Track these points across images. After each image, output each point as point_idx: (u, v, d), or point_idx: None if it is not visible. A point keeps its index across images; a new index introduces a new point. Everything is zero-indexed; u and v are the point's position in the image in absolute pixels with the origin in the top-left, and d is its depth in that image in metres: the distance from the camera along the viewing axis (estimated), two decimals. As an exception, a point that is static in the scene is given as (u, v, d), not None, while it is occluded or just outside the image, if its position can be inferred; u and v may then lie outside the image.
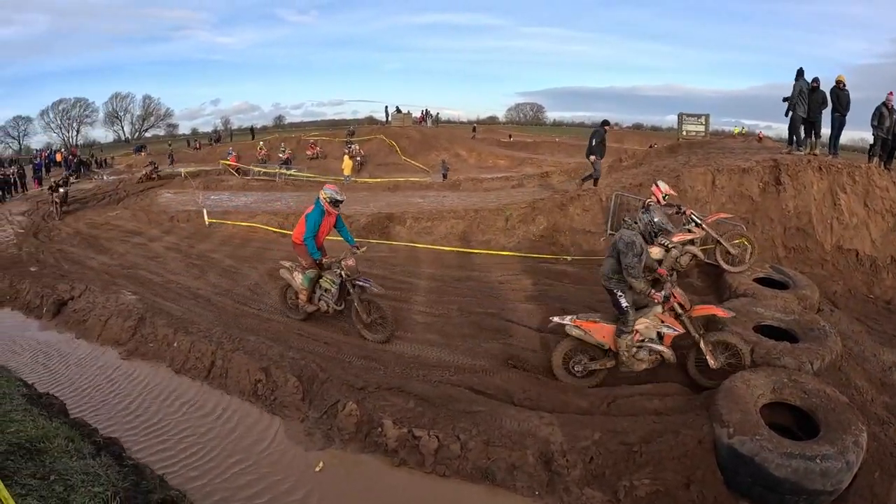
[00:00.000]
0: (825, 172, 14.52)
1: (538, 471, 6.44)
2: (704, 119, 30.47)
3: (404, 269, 12.91)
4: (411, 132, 48.20)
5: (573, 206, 15.09)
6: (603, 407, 7.50)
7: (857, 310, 12.21)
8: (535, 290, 11.75)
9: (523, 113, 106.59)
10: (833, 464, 5.98)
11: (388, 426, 7.03)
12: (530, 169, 34.49)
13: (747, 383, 7.03)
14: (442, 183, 26.28)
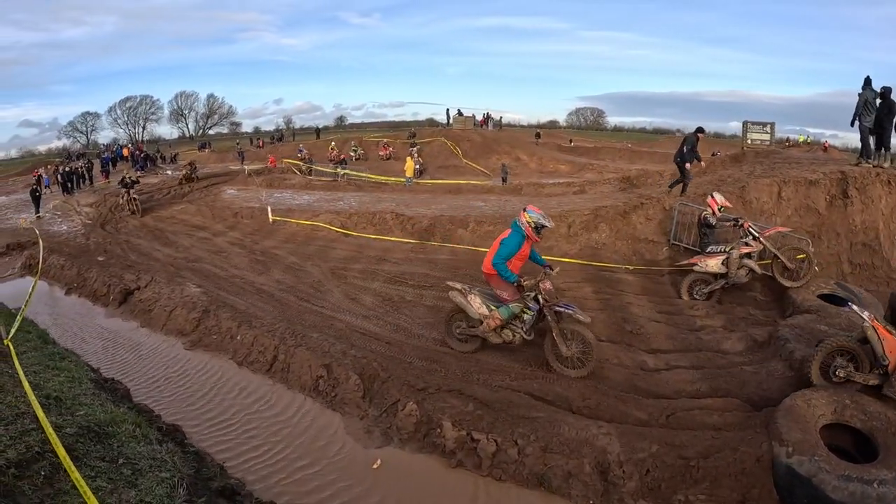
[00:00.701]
0: (894, 186, 14.17)
1: (594, 480, 6.47)
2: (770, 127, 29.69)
3: (467, 272, 12.94)
4: (472, 135, 48.14)
5: (636, 214, 15.04)
6: (661, 419, 7.50)
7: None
8: (596, 299, 11.78)
9: (584, 117, 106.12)
10: (891, 489, 5.92)
11: (447, 427, 7.15)
12: (591, 175, 34.39)
13: (808, 402, 6.99)
14: (503, 187, 26.30)
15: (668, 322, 10.79)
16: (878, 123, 15.05)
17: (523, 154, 45.34)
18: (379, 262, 13.94)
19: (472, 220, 15.97)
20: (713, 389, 8.32)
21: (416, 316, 10.78)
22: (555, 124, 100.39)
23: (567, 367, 8.85)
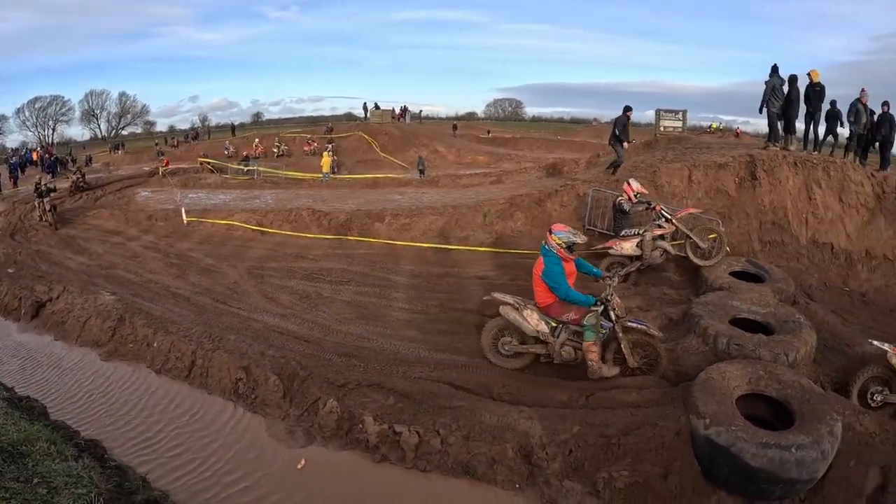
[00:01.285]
0: (800, 168, 14.82)
1: (518, 464, 6.50)
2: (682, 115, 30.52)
3: (384, 266, 12.94)
4: (390, 129, 48.11)
5: (550, 201, 15.21)
6: (582, 400, 7.57)
7: (833, 302, 12.42)
8: (514, 286, 11.70)
9: (502, 108, 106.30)
10: (808, 453, 6.07)
11: (368, 422, 7.05)
12: (509, 165, 34.57)
13: (723, 375, 7.12)
14: (421, 180, 26.42)
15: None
16: (784, 109, 15.75)
17: (441, 146, 45.50)
18: (296, 259, 13.75)
19: (389, 213, 15.86)
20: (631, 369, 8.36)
21: (333, 312, 10.64)
22: (473, 116, 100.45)
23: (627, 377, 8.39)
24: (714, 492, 6.42)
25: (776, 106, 15.92)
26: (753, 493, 6.32)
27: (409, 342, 9.41)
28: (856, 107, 16.22)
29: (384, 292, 11.56)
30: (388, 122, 52.40)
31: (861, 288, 13.64)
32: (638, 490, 6.30)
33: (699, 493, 6.38)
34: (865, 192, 14.80)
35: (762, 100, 16.00)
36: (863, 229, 14.50)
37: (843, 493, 6.64)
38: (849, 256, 14.21)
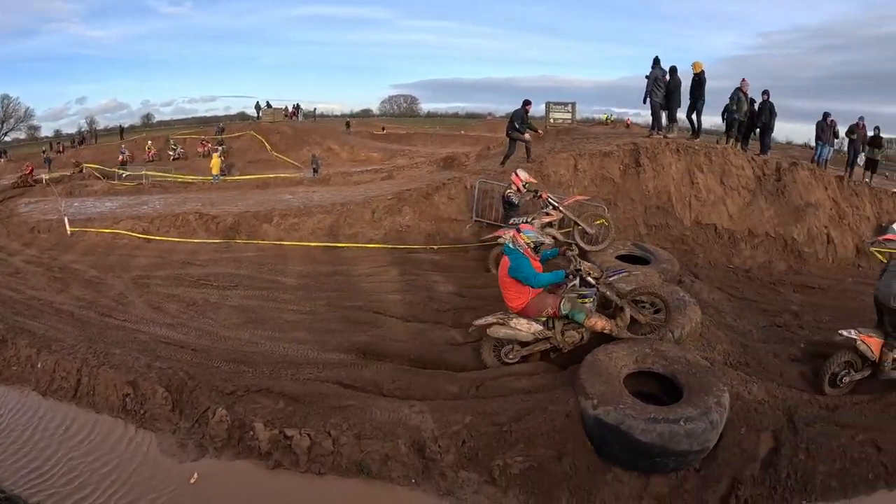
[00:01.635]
0: (683, 153, 15.47)
1: (412, 459, 6.44)
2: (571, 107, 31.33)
3: (272, 267, 12.73)
4: (283, 128, 47.44)
5: (438, 195, 15.28)
6: (473, 390, 7.58)
7: (718, 279, 12.89)
8: (402, 281, 11.85)
9: (397, 105, 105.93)
10: (697, 425, 6.21)
11: (259, 429, 6.85)
12: (402, 161, 34.35)
13: (609, 356, 7.23)
14: (312, 179, 26.20)
15: (474, 296, 11.02)
16: (667, 99, 16.45)
17: (335, 144, 45.06)
18: (183, 265, 13.33)
19: (277, 214, 15.60)
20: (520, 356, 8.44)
21: (221, 318, 10.36)
22: (369, 113, 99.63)
23: (646, 334, 8.39)
24: (609, 469, 6.51)
25: (659, 96, 16.52)
26: (647, 468, 6.44)
27: (298, 344, 9.23)
28: (737, 95, 17.20)
29: (272, 294, 11.33)
30: (281, 121, 51.68)
31: (745, 265, 14.31)
32: (533, 474, 6.35)
33: (594, 471, 6.47)
34: (746, 175, 15.61)
35: (645, 90, 16.58)
36: (744, 210, 15.23)
37: (736, 460, 6.86)
38: (732, 236, 14.92)
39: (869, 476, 7.26)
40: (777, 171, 16.06)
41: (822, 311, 12.05)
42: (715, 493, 6.56)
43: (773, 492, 6.73)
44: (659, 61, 16.42)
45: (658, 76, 16.33)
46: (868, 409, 8.32)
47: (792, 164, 16.53)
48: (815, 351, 10.00)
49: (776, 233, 15.16)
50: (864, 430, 7.78)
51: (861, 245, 15.95)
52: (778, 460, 6.98)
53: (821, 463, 7.09)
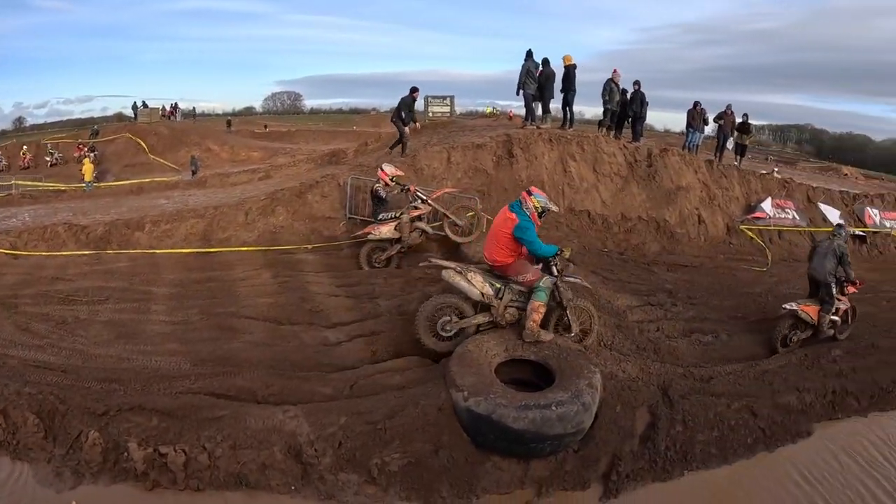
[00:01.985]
0: (555, 143, 15.88)
1: (290, 465, 6.36)
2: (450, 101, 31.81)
3: (145, 278, 12.25)
4: (160, 128, 45.06)
5: (311, 193, 15.10)
6: (347, 390, 7.53)
7: (593, 263, 13.24)
8: (276, 283, 11.66)
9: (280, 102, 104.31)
10: (569, 408, 6.37)
11: (133, 449, 6.63)
12: (283, 159, 33.61)
13: (479, 346, 7.33)
14: (188, 181, 25.14)
15: (347, 295, 10.96)
16: (540, 90, 16.80)
17: (215, 144, 43.81)
18: (52, 281, 12.45)
19: (150, 220, 14.87)
20: (394, 352, 8.54)
21: (91, 335, 9.88)
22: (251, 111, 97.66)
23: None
24: (488, 458, 6.61)
25: (531, 88, 16.82)
26: (524, 453, 6.57)
27: (170, 356, 8.88)
28: (609, 86, 17.96)
29: (144, 306, 10.83)
30: (158, 122, 48.96)
31: (619, 248, 14.82)
32: (412, 470, 6.38)
33: (472, 461, 6.55)
34: (618, 162, 16.22)
35: (518, 82, 16.84)
36: (617, 195, 15.81)
37: (614, 437, 7.11)
38: (605, 220, 15.47)
39: (748, 440, 7.67)
40: (648, 157, 16.73)
41: (694, 288, 12.56)
42: (596, 472, 6.77)
43: (653, 464, 7.00)
44: (532, 54, 16.76)
45: (530, 68, 16.64)
46: (742, 378, 8.72)
47: (663, 151, 17.23)
48: (691, 327, 10.42)
49: (648, 216, 15.78)
50: (739, 397, 8.18)
51: (731, 224, 16.73)
52: (656, 434, 7.26)
53: (699, 432, 7.42)
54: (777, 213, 17.73)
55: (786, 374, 9.09)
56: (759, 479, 7.15)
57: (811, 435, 8.08)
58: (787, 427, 8.06)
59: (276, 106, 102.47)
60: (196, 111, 65.60)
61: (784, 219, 17.76)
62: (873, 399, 9.06)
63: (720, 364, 9.22)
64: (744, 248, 16.29)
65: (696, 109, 21.02)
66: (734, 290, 13.02)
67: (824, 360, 9.68)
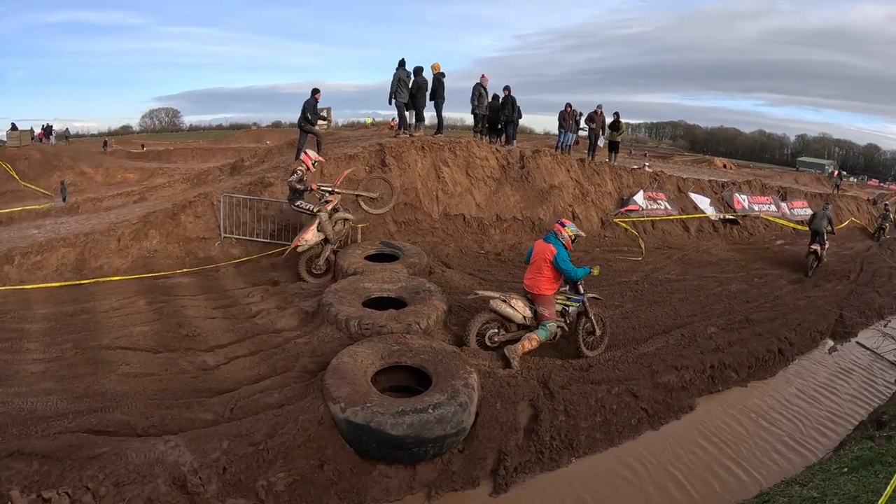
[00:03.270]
0: (428, 150, 16.22)
1: (176, 497, 6.25)
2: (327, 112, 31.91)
3: (15, 314, 11.62)
4: (31, 152, 42.47)
5: (185, 214, 14.85)
6: (227, 413, 7.48)
7: (470, 265, 13.59)
8: (151, 310, 11.39)
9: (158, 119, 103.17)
10: (447, 409, 6.56)
11: (16, 497, 6.49)
12: (161, 179, 32.83)
13: (354, 357, 7.45)
14: (60, 208, 23.94)
15: (224, 316, 10.88)
16: (412, 98, 17.16)
17: (88, 167, 42.42)
18: None
19: (19, 252, 13.98)
20: (271, 370, 8.52)
21: None
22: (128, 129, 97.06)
23: (591, 350, 9.72)
24: (374, 467, 6.72)
25: (403, 96, 17.11)
26: (409, 458, 6.71)
27: (46, 395, 8.46)
28: (477, 90, 18.48)
29: (16, 345, 10.27)
30: (28, 145, 45.56)
31: (496, 249, 15.22)
32: (299, 487, 6.40)
33: (358, 472, 6.63)
34: (491, 165, 16.69)
35: (390, 91, 17.12)
36: (491, 198, 16.25)
37: (498, 433, 7.32)
38: (481, 223, 15.86)
39: (632, 422, 8.04)
40: (521, 159, 17.23)
41: (571, 282, 12.98)
42: (483, 469, 6.96)
43: (540, 455, 7.26)
44: (404, 63, 17.02)
45: (402, 77, 16.95)
46: (620, 364, 9.11)
47: (535, 152, 17.79)
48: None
49: (523, 215, 16.26)
50: (619, 382, 8.56)
51: (605, 217, 17.42)
52: (539, 426, 7.51)
53: (581, 420, 7.74)
54: (649, 205, 18.61)
55: (663, 355, 9.55)
56: (644, 454, 7.54)
57: (694, 409, 8.57)
58: (670, 405, 8.48)
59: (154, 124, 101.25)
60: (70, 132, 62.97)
61: (656, 210, 18.67)
62: (751, 369, 9.63)
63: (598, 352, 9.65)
64: (619, 239, 16.97)
65: (567, 111, 21.91)
66: (611, 279, 13.52)
67: (700, 338, 10.20)
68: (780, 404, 9.12)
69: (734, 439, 8.00)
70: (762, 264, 15.80)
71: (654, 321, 11.08)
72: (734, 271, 14.42)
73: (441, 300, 9.55)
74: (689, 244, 17.33)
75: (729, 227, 19.26)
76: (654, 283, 13.05)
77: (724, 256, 16.27)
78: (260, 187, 15.21)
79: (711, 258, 16.00)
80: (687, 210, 19.04)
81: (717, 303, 12.31)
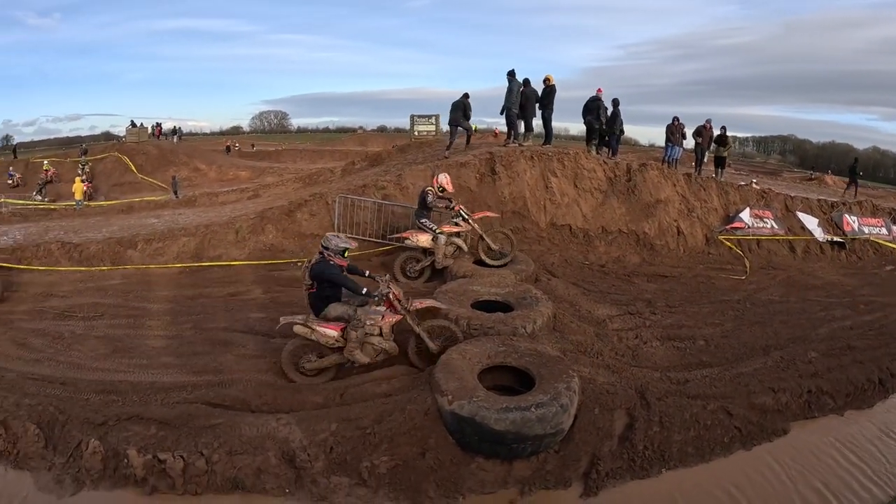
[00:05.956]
0: (537, 160, 16.22)
1: (284, 470, 6.66)
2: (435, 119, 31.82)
3: (138, 294, 12.51)
4: (148, 148, 44.73)
5: (300, 212, 15.38)
6: (337, 399, 7.84)
7: (574, 275, 13.57)
8: (267, 298, 11.96)
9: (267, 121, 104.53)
10: (548, 409, 6.68)
11: (132, 456, 6.89)
12: (271, 178, 34.16)
13: (462, 354, 7.64)
14: (177, 200, 25.43)
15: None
16: (522, 109, 17.23)
17: (202, 163, 43.88)
18: (46, 297, 12.71)
19: (142, 239, 15.08)
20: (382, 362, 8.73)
21: (88, 350, 10.06)
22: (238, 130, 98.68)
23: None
24: (472, 459, 6.91)
25: (515, 107, 17.23)
26: (507, 454, 6.87)
27: (166, 369, 9.19)
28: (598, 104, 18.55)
29: (139, 322, 11.13)
30: (146, 141, 48.62)
31: (600, 260, 15.08)
32: (400, 471, 6.68)
33: (458, 462, 6.84)
34: (598, 177, 16.57)
35: (504, 103, 17.30)
36: (597, 210, 16.16)
37: (593, 438, 7.37)
38: (586, 234, 15.81)
39: (724, 439, 7.93)
40: (628, 172, 17.02)
41: (673, 297, 12.83)
42: (576, 471, 7.03)
43: (632, 464, 7.27)
44: (514, 74, 17.14)
45: (514, 88, 17.04)
46: (717, 381, 9.00)
47: (642, 165, 17.56)
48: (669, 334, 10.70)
49: (628, 229, 16.08)
50: (715, 398, 8.46)
51: (710, 234, 17.04)
52: (633, 434, 7.53)
53: (675, 432, 7.68)
54: (755, 223, 18.04)
55: (761, 376, 9.39)
56: (736, 474, 7.40)
57: (787, 433, 8.37)
58: (763, 426, 8.35)
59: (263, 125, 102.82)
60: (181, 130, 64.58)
61: (762, 228, 18.08)
62: (849, 398, 9.38)
63: (696, 368, 9.51)
64: (723, 257, 16.60)
65: (674, 124, 21.69)
66: (712, 297, 13.30)
67: (799, 362, 9.99)
68: (876, 437, 8.88)
69: (823, 468, 7.80)
70: (869, 290, 15.23)
71: (754, 341, 10.85)
72: (839, 296, 13.98)
73: (547, 306, 9.65)
74: (794, 265, 16.79)
75: (836, 250, 18.64)
76: (756, 304, 12.78)
77: (829, 280, 15.71)
78: (373, 190, 15.60)
79: (816, 281, 15.48)
80: (794, 230, 18.45)
81: (820, 327, 11.96)
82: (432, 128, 31.30)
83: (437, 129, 31.58)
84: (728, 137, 23.15)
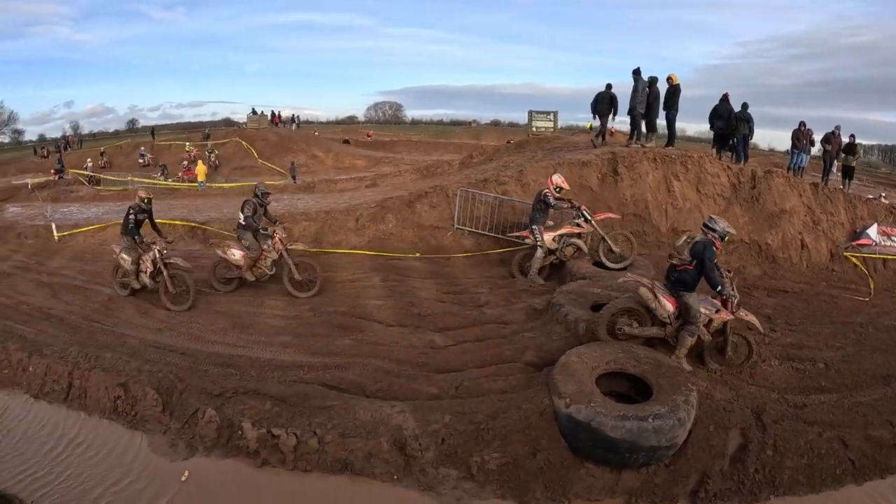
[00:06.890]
0: (660, 162, 15.78)
1: (394, 456, 6.71)
2: (553, 116, 31.23)
3: None
4: (267, 134, 46.78)
5: (420, 203, 15.47)
6: (451, 391, 7.86)
7: None
8: (385, 287, 12.08)
9: (382, 112, 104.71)
10: (665, 422, 6.50)
11: (247, 428, 7.08)
12: (387, 168, 34.50)
13: (581, 357, 7.52)
14: (297, 185, 25.99)
15: (454, 302, 11.35)
16: (647, 108, 16.75)
17: (320, 151, 44.88)
18: None
19: None
20: (497, 358, 8.77)
21: (208, 323, 10.45)
22: (354, 119, 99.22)
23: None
24: (582, 464, 6.80)
25: (641, 106, 16.80)
26: (618, 462, 6.72)
27: (283, 347, 9.43)
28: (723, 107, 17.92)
29: (258, 300, 11.51)
30: (266, 128, 50.72)
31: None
32: (510, 469, 6.64)
33: (567, 466, 6.75)
34: (721, 183, 16.01)
35: (631, 101, 16.88)
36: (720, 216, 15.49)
37: (705, 455, 7.13)
38: None
39: (836, 471, 7.56)
40: (752, 179, 16.38)
41: (794, 314, 12.32)
42: (685, 488, 6.83)
43: (741, 486, 7.01)
44: (640, 72, 16.72)
45: (639, 87, 16.64)
46: (835, 408, 8.59)
47: (767, 173, 16.85)
48: (788, 353, 10.29)
49: (751, 239, 15.51)
50: (831, 426, 8.06)
51: (835, 250, 16.26)
52: (746, 456, 7.26)
53: (788, 458, 7.37)
54: (883, 241, 16.98)
55: (880, 407, 8.95)
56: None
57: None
58: (877, 461, 7.95)
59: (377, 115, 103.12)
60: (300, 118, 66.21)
61: (890, 247, 16.99)
62: (979, 440, 8.85)
63: (814, 392, 9.13)
64: (847, 275, 15.83)
65: (801, 130, 20.49)
66: (834, 318, 12.71)
67: (924, 396, 9.50)
68: None
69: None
70: None
71: (875, 369, 10.31)
72: (973, 318, 13.23)
73: (667, 314, 9.45)
74: (924, 289, 15.93)
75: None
76: (880, 329, 12.15)
77: (963, 307, 14.88)
78: (494, 185, 15.59)
79: (947, 309, 14.69)
80: (926, 251, 17.48)
81: (949, 358, 11.38)
82: (550, 124, 30.87)
83: (555, 125, 31.21)
84: (857, 146, 22.09)
